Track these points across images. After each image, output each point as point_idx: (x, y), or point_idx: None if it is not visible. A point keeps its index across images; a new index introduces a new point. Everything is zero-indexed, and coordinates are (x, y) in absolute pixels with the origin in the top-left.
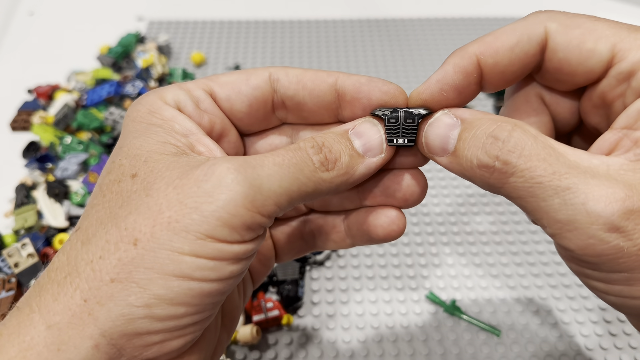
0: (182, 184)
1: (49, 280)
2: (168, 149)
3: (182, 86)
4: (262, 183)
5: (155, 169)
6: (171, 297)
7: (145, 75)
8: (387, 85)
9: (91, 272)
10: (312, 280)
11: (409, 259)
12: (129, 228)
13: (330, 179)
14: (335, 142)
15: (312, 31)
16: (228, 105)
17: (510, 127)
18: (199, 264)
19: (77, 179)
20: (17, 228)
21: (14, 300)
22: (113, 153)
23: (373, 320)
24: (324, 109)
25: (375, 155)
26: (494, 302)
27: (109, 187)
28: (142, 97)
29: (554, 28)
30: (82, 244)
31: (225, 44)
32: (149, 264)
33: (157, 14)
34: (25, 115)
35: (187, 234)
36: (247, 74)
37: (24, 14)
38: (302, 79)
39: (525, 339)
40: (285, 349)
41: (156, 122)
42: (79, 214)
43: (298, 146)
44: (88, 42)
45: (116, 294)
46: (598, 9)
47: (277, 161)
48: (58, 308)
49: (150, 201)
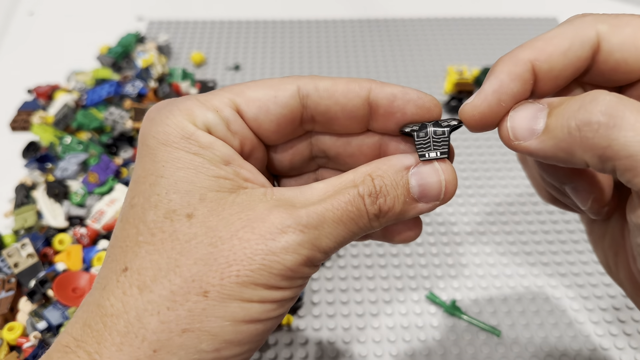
0: (248, 238)
1: (106, 328)
2: (222, 185)
3: (206, 104)
4: (321, 243)
5: (214, 210)
6: (239, 340)
7: (145, 75)
8: (422, 98)
9: (159, 324)
10: (312, 280)
11: (409, 259)
12: (196, 280)
13: (378, 225)
14: (392, 187)
15: (312, 31)
16: (256, 124)
17: (604, 93)
18: (265, 308)
19: (77, 179)
20: (16, 228)
21: (13, 301)
22: (148, 180)
23: (373, 320)
24: (355, 122)
25: (430, 202)
26: (494, 302)
27: (158, 226)
28: (165, 115)
29: (605, 30)
30: (140, 291)
31: (225, 44)
32: (220, 314)
33: (157, 14)
34: (25, 115)
35: (256, 286)
36: (274, 88)
37: (24, 14)
38: (334, 93)
39: (526, 339)
40: (285, 349)
41: (196, 150)
42: (79, 214)
43: (357, 193)
44: (88, 42)
45: (188, 342)
46: (598, 9)
47: (337, 218)
48: (124, 358)
49: (216, 252)
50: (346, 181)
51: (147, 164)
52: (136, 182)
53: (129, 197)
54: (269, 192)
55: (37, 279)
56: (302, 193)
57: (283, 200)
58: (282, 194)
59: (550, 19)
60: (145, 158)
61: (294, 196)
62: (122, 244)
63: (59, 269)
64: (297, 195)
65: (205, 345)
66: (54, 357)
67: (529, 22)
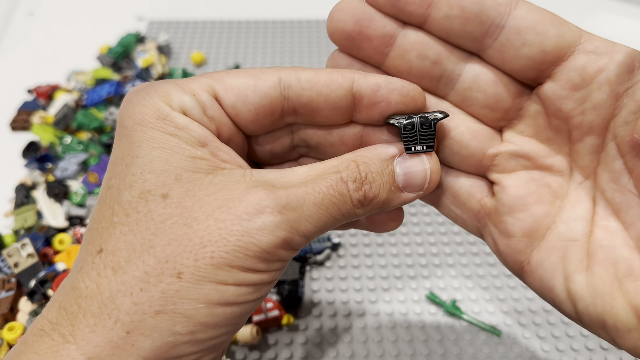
0: (224, 219)
1: (80, 310)
2: (198, 165)
3: (184, 87)
4: (300, 225)
5: (190, 191)
6: (215, 322)
7: (145, 75)
8: (407, 87)
9: (132, 305)
10: (312, 280)
11: (409, 259)
12: (170, 260)
13: (363, 213)
14: (378, 174)
15: (312, 31)
16: (233, 112)
17: None
18: (241, 291)
19: (77, 179)
20: (16, 228)
21: (13, 301)
22: (125, 160)
23: (374, 320)
24: (339, 114)
25: (414, 192)
26: (494, 302)
27: (133, 206)
28: (142, 97)
29: None
30: (114, 272)
31: (225, 44)
32: (194, 296)
33: (157, 14)
34: (25, 115)
35: (231, 268)
36: (254, 77)
37: (24, 14)
38: (316, 84)
39: (526, 339)
40: (286, 349)
41: (171, 130)
42: (79, 214)
43: (340, 178)
44: (88, 42)
45: (161, 324)
46: (598, 9)
47: (317, 201)
48: (97, 340)
49: (191, 233)
50: (329, 166)
51: (123, 144)
52: (113, 163)
53: (106, 178)
54: (247, 173)
55: (37, 279)
56: (283, 175)
57: (262, 182)
58: (262, 176)
59: None
60: (122, 139)
61: (274, 178)
62: (98, 226)
63: (59, 269)
64: (277, 177)
65: (179, 328)
66: (29, 341)
67: None
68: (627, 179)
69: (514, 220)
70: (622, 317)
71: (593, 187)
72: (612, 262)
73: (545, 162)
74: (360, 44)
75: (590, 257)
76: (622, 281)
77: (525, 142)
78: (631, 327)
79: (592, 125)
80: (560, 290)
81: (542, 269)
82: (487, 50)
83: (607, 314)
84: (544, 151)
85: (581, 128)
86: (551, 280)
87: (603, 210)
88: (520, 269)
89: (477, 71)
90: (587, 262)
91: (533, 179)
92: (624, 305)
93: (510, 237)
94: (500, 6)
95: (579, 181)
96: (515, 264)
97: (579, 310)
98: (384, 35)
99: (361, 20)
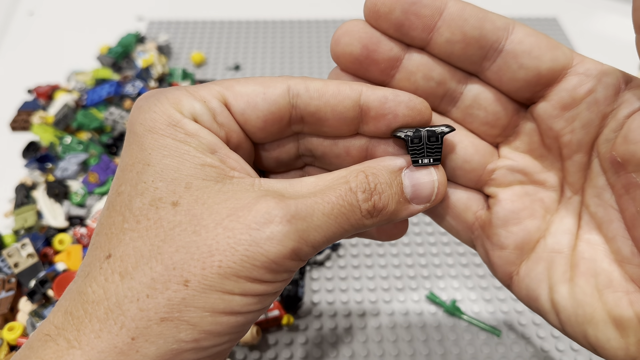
0: (233, 227)
1: (86, 314)
2: (208, 173)
3: (194, 94)
4: (309, 236)
5: (199, 199)
6: (219, 331)
7: (145, 75)
8: (413, 100)
9: (138, 312)
10: (312, 280)
11: (409, 259)
12: (177, 268)
13: (371, 224)
14: (387, 185)
15: (312, 31)
16: (243, 119)
17: None
18: (247, 301)
19: (77, 179)
20: (16, 228)
21: (13, 301)
22: (136, 168)
23: (374, 320)
24: (345, 125)
25: (421, 204)
26: (494, 302)
27: (143, 213)
28: (153, 103)
29: None
30: (122, 278)
31: (225, 44)
32: (199, 304)
33: (157, 14)
34: (25, 115)
35: (238, 278)
36: (264, 85)
37: (24, 14)
38: (325, 94)
39: (526, 339)
40: (286, 349)
41: (182, 138)
42: (79, 214)
43: (349, 189)
44: (88, 42)
45: (166, 331)
46: (598, 9)
47: (327, 211)
48: (102, 346)
49: (199, 241)
50: (338, 177)
51: (134, 151)
52: (123, 169)
53: (116, 184)
54: (257, 182)
55: (37, 279)
56: (292, 185)
57: (271, 191)
58: (271, 185)
59: (550, 19)
60: (132, 145)
61: (282, 188)
62: (107, 231)
63: (59, 269)
64: (286, 187)
65: (184, 335)
66: (34, 346)
67: (528, 22)
68: (610, 194)
69: (507, 233)
70: (602, 327)
71: (580, 202)
72: (593, 273)
73: (539, 177)
74: (368, 67)
75: (573, 269)
76: (602, 292)
77: (520, 158)
78: (610, 336)
79: (580, 144)
80: (545, 300)
81: (528, 279)
82: (486, 72)
83: (587, 324)
84: (537, 167)
85: (570, 146)
86: (536, 290)
87: (587, 224)
88: (509, 280)
89: (478, 90)
90: (570, 273)
91: (527, 194)
92: (603, 315)
93: (502, 249)
94: (498, 30)
95: (568, 196)
96: (504, 275)
97: (562, 320)
98: (390, 59)
99: (368, 44)
